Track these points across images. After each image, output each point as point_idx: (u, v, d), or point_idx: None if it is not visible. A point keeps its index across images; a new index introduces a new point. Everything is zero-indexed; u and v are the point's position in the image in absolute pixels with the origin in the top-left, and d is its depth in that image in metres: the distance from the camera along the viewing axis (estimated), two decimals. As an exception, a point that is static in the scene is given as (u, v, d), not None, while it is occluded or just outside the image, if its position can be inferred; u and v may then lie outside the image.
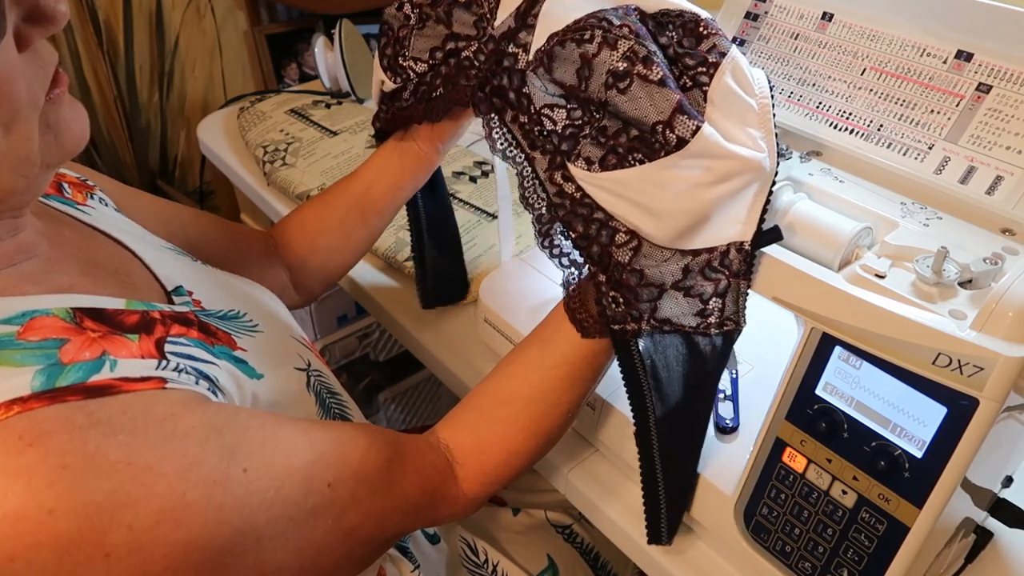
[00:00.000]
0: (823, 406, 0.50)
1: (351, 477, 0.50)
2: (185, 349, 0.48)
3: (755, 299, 0.53)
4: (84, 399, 0.40)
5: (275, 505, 0.45)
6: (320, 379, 0.61)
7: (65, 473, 0.37)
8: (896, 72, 0.56)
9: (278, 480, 0.45)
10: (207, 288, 0.59)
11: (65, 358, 0.41)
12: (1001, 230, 0.50)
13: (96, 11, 1.63)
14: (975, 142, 0.53)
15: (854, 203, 0.53)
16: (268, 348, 0.57)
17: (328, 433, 0.51)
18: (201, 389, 0.45)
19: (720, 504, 0.57)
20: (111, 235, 0.57)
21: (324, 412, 0.59)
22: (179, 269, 0.59)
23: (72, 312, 0.44)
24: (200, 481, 0.41)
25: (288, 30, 1.81)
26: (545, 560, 0.79)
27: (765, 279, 0.51)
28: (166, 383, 0.43)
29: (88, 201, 0.60)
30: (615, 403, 0.64)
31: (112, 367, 0.42)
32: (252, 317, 0.59)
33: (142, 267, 0.56)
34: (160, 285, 0.55)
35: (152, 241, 0.61)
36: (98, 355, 0.42)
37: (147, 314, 0.48)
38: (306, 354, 0.61)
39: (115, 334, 0.45)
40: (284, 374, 0.56)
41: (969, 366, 0.42)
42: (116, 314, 0.47)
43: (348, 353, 1.42)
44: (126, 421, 0.40)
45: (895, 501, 0.47)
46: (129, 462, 0.39)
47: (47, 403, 0.38)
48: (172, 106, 1.83)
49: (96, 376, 0.41)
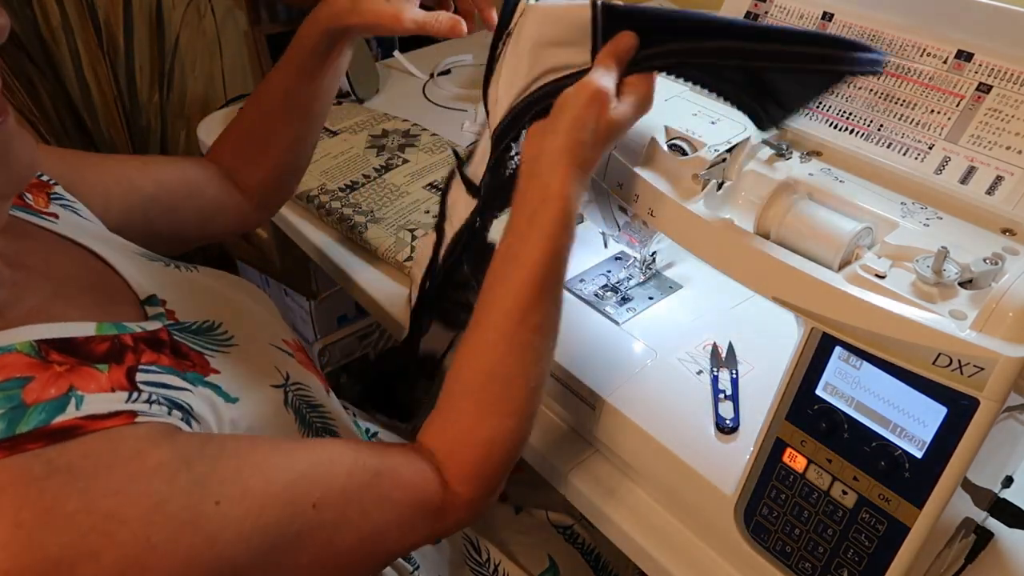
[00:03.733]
0: (823, 406, 0.50)
1: (338, 496, 0.48)
2: (157, 377, 0.46)
3: (755, 299, 0.53)
4: (44, 446, 0.38)
5: (255, 535, 0.43)
6: (300, 392, 0.59)
7: (19, 532, 0.36)
8: (896, 72, 0.56)
9: (256, 508, 0.43)
10: (181, 295, 0.57)
11: (29, 398, 0.40)
12: (1001, 230, 0.50)
13: (96, 11, 1.63)
14: (975, 142, 0.53)
15: (854, 203, 0.53)
16: (243, 366, 0.55)
17: (310, 453, 0.49)
18: (174, 420, 0.44)
19: (720, 504, 0.57)
20: (82, 244, 0.56)
21: (305, 428, 0.57)
22: (151, 276, 0.58)
23: (36, 346, 0.43)
24: (166, 523, 0.40)
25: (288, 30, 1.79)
26: (546, 560, 0.79)
27: (765, 279, 0.51)
28: (136, 416, 0.42)
29: (51, 205, 0.59)
30: (615, 403, 0.64)
31: (79, 404, 0.41)
32: (227, 327, 0.57)
33: (115, 276, 0.55)
34: (133, 294, 0.54)
35: (124, 248, 0.61)
36: (64, 391, 0.41)
37: (118, 340, 0.47)
38: (285, 364, 0.59)
39: (83, 365, 0.43)
40: (260, 395, 0.54)
41: (969, 366, 0.42)
42: (85, 343, 0.45)
43: (348, 353, 1.42)
44: (87, 465, 0.39)
45: (895, 501, 0.47)
46: (89, 511, 0.38)
47: (4, 454, 0.37)
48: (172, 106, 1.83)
49: (60, 417, 0.40)
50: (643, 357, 0.68)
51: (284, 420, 0.55)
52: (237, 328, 0.58)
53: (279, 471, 0.46)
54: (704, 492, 0.58)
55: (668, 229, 0.60)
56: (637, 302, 0.74)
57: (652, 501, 0.64)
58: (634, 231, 0.70)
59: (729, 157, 0.58)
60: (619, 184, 0.62)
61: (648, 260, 0.76)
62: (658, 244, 0.74)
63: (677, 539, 0.62)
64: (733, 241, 0.53)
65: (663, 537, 0.62)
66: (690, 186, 0.57)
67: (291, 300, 1.40)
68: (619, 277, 0.77)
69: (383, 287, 0.89)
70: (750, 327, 0.70)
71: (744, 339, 0.68)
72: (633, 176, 0.60)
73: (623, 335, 0.71)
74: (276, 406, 0.55)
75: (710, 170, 0.57)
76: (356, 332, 1.41)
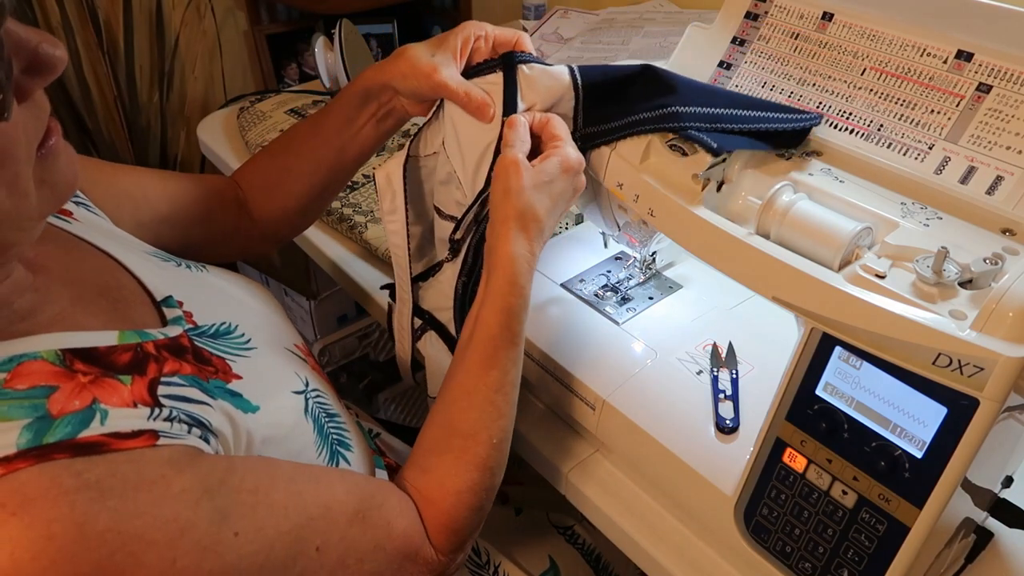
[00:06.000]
0: (823, 406, 0.50)
1: (339, 542, 0.49)
2: (179, 391, 0.47)
3: (755, 299, 0.53)
4: (72, 457, 0.38)
5: (264, 570, 0.44)
6: (319, 400, 0.59)
7: (50, 545, 0.36)
8: (896, 72, 0.56)
9: (268, 544, 0.45)
10: (196, 296, 0.58)
11: (54, 409, 0.40)
12: (1001, 230, 0.50)
13: (96, 11, 1.63)
14: (975, 142, 0.53)
15: (854, 203, 0.53)
16: (264, 371, 0.55)
17: (321, 493, 0.50)
18: (193, 439, 0.44)
19: (720, 504, 0.57)
20: (97, 245, 0.56)
21: (322, 440, 0.58)
22: (166, 277, 0.58)
23: (62, 354, 0.43)
24: (191, 547, 0.40)
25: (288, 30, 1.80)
26: (547, 561, 0.79)
27: (765, 279, 0.51)
28: (158, 439, 0.42)
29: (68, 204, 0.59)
30: (615, 403, 0.64)
31: (103, 419, 0.41)
32: (244, 330, 0.58)
33: (130, 278, 0.55)
34: (150, 296, 0.55)
35: (137, 247, 0.61)
36: (88, 403, 0.41)
37: (140, 348, 0.47)
38: (303, 369, 0.60)
39: (107, 376, 0.43)
40: (281, 402, 0.55)
41: (969, 366, 0.42)
42: (109, 352, 0.45)
43: (348, 353, 1.42)
44: (115, 484, 0.39)
45: (895, 501, 0.47)
46: (119, 531, 0.38)
47: (32, 462, 0.37)
48: (172, 106, 1.83)
49: (86, 432, 0.40)
50: (643, 357, 0.68)
51: (302, 430, 0.55)
52: (253, 331, 0.59)
53: (290, 511, 0.47)
54: (704, 492, 0.58)
55: (668, 229, 0.60)
56: (637, 302, 0.74)
57: (652, 501, 0.64)
58: (634, 231, 0.70)
59: (729, 157, 0.58)
60: (619, 184, 0.62)
61: (648, 260, 0.76)
62: (658, 244, 0.74)
63: (677, 539, 0.62)
64: (733, 241, 0.53)
65: (663, 537, 0.62)
66: (690, 186, 0.57)
67: (291, 300, 1.41)
68: (619, 277, 0.77)
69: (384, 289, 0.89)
70: (750, 327, 0.70)
71: (744, 339, 0.68)
72: (633, 176, 0.60)
73: (623, 335, 0.71)
74: (297, 415, 0.56)
75: (710, 170, 0.57)
76: (356, 332, 1.41)
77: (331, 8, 1.69)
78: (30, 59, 0.39)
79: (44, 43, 0.39)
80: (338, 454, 0.58)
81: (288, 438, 0.54)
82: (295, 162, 0.74)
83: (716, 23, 0.67)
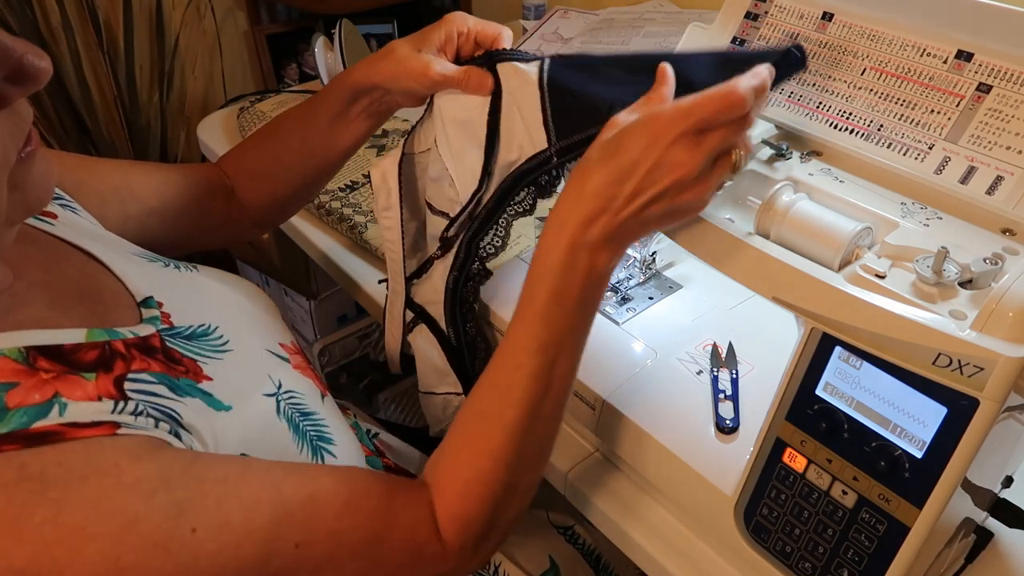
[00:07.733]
0: (823, 406, 0.50)
1: (325, 537, 0.46)
2: (148, 387, 0.45)
3: (755, 299, 0.53)
4: (21, 448, 0.37)
5: (228, 569, 0.41)
6: (292, 401, 0.57)
7: None
8: (896, 72, 0.56)
9: (234, 541, 0.42)
10: (179, 296, 0.57)
11: (11, 402, 0.39)
12: (1001, 230, 0.50)
13: (96, 11, 1.63)
14: (975, 142, 0.53)
15: (854, 203, 0.53)
16: (236, 373, 0.54)
17: (304, 485, 0.48)
18: (161, 432, 0.43)
19: (720, 504, 0.57)
20: (80, 247, 0.56)
21: (299, 437, 0.56)
22: (150, 278, 0.57)
23: (25, 352, 0.42)
24: (138, 543, 0.38)
25: (288, 30, 1.80)
26: (547, 561, 0.79)
27: (765, 279, 0.51)
28: (118, 428, 0.41)
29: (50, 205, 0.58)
30: (615, 403, 0.64)
31: (62, 410, 0.40)
32: (223, 331, 0.57)
33: (114, 280, 0.55)
34: (131, 296, 0.54)
35: (123, 248, 0.60)
36: (48, 397, 0.40)
37: (108, 346, 0.46)
38: (278, 371, 0.58)
39: (70, 373, 0.42)
40: (252, 404, 0.53)
41: (969, 366, 0.42)
42: (74, 350, 0.44)
43: (348, 353, 1.42)
44: (61, 474, 0.38)
45: (895, 501, 0.47)
46: (57, 523, 0.36)
47: None
48: (172, 106, 1.83)
49: (42, 421, 0.39)
50: (643, 357, 0.68)
51: (277, 430, 0.54)
52: (234, 331, 0.58)
53: (263, 506, 0.44)
54: (704, 492, 0.58)
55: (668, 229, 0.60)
56: (637, 302, 0.74)
57: (652, 501, 0.64)
58: (634, 231, 0.70)
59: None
60: (619, 184, 0.62)
61: (648, 260, 0.76)
62: (658, 244, 0.75)
63: (677, 539, 0.62)
64: (733, 241, 0.53)
65: (663, 537, 0.62)
66: (690, 186, 0.57)
67: (291, 300, 1.41)
68: (619, 277, 0.77)
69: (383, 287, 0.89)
70: (750, 327, 0.70)
71: (744, 339, 0.68)
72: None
73: (623, 335, 0.71)
74: (269, 417, 0.54)
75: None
76: (356, 332, 1.41)
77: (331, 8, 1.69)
78: (14, 68, 0.38)
79: (29, 54, 0.38)
80: (320, 449, 0.57)
81: (264, 439, 0.53)
82: (285, 152, 0.74)
83: (716, 23, 0.67)
